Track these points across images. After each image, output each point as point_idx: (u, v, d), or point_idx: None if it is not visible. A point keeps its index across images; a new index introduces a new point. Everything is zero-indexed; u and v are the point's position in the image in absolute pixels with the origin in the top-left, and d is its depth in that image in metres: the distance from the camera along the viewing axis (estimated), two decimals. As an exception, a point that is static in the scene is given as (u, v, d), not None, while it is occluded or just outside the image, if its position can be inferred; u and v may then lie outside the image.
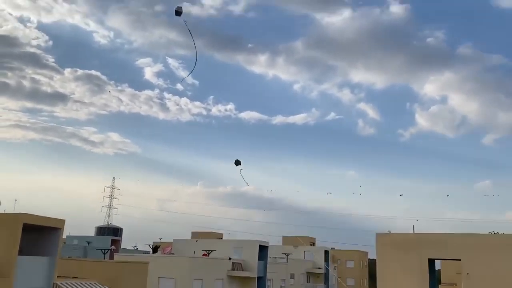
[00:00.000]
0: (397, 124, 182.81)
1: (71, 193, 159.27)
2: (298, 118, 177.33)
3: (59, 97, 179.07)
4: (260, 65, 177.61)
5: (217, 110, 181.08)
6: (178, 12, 16.76)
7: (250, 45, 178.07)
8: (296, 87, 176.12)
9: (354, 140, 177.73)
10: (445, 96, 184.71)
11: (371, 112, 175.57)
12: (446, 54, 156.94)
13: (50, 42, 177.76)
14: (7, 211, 24.65)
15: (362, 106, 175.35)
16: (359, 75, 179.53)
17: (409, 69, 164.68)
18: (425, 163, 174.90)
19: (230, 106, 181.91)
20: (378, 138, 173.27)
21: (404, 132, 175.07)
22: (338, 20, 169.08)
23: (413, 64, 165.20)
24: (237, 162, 20.96)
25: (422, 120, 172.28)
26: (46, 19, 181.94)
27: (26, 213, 22.08)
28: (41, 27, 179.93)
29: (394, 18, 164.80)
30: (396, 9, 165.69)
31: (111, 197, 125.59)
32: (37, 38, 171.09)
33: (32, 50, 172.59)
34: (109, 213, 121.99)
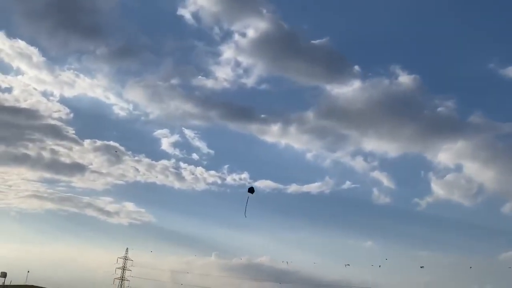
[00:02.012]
0: (413, 192, 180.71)
1: (84, 264, 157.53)
2: (313, 187, 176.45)
3: (77, 168, 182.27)
4: (273, 134, 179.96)
5: (232, 179, 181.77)
6: None
7: (262, 116, 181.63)
8: (309, 155, 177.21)
9: (370, 209, 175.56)
10: (460, 165, 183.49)
11: (385, 180, 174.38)
12: (458, 123, 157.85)
13: (71, 115, 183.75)
14: (19, 282, 24.63)
15: (376, 174, 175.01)
16: (372, 144, 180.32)
17: (421, 138, 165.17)
18: (444, 233, 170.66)
19: (245, 175, 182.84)
20: (394, 207, 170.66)
21: (420, 201, 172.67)
22: (348, 90, 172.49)
23: (425, 133, 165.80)
24: (251, 190, 20.30)
25: (438, 189, 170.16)
26: (68, 93, 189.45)
27: (33, 285, 21.85)
28: (63, 100, 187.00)
29: (403, 89, 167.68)
30: (405, 80, 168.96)
31: (123, 268, 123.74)
32: (59, 111, 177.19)
33: (54, 122, 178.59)
34: (121, 286, 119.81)
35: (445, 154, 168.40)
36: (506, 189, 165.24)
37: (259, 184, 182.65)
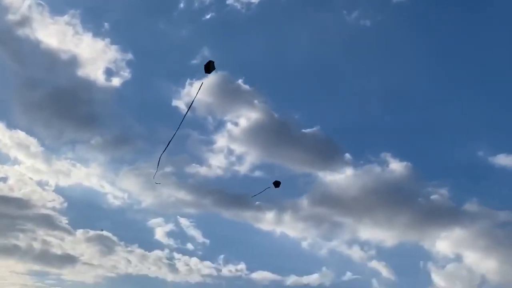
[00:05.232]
0: (413, 284, 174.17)
1: None
2: (313, 279, 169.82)
3: (68, 259, 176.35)
4: (268, 222, 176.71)
5: (227, 270, 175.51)
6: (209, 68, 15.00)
7: (257, 203, 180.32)
8: (305, 244, 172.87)
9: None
10: (460, 254, 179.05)
11: (384, 271, 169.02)
12: (453, 211, 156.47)
13: (65, 204, 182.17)
14: None
15: (374, 264, 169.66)
16: (367, 232, 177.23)
17: (417, 226, 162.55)
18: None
19: (241, 266, 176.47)
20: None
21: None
22: (340, 178, 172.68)
23: (421, 221, 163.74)
24: (277, 184, 18.54)
25: (439, 280, 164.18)
26: (64, 182, 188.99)
27: None
28: (58, 190, 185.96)
29: (395, 176, 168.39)
30: (397, 167, 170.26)
31: None
32: (53, 200, 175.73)
33: (47, 212, 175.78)
34: None
35: (443, 243, 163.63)
36: (509, 279, 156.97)
37: (257, 276, 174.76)
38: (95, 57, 57.85)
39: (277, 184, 20.74)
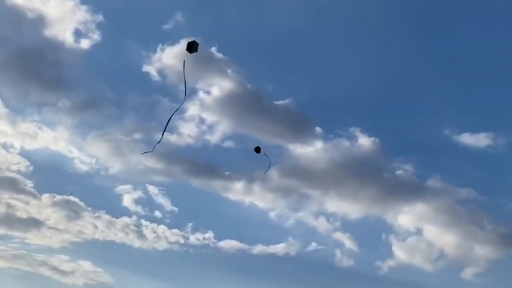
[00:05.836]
0: (374, 255, 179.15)
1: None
2: (279, 248, 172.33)
3: (33, 223, 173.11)
4: (236, 192, 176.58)
5: (195, 238, 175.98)
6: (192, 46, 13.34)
7: (226, 173, 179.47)
8: (273, 214, 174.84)
9: (334, 271, 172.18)
10: (420, 228, 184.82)
11: (348, 242, 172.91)
12: (417, 186, 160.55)
13: (31, 168, 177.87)
14: None
15: (339, 235, 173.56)
16: (334, 204, 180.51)
17: (382, 200, 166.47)
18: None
19: (209, 234, 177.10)
20: (357, 270, 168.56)
21: (382, 264, 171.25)
22: (310, 150, 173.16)
23: (385, 195, 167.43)
24: (257, 149, 19.31)
25: (399, 253, 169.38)
26: (30, 145, 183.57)
27: None
28: (23, 153, 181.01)
29: (363, 151, 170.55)
30: (365, 142, 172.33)
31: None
32: (18, 163, 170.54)
33: (12, 175, 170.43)
34: None
35: (405, 217, 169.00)
36: (466, 254, 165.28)
37: (224, 245, 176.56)
38: (64, 17, 55.87)
39: (257, 149, 20.99)
